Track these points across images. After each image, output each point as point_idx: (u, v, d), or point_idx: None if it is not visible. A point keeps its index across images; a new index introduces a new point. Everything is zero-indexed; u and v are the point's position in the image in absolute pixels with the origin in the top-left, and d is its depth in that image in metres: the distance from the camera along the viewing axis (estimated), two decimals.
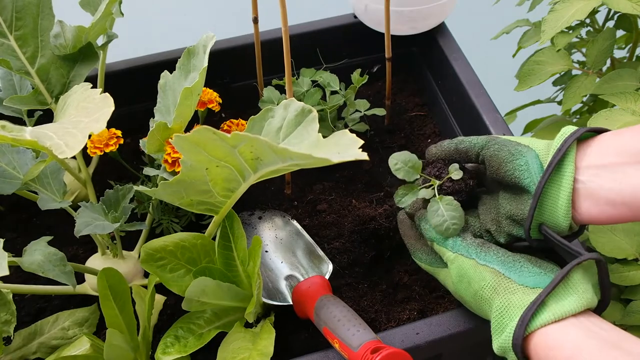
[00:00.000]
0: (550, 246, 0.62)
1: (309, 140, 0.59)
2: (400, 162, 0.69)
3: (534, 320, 0.55)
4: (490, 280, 0.60)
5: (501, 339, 0.57)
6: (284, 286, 0.74)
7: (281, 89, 0.88)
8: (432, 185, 0.68)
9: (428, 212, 0.66)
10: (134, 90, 0.91)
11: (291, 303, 0.71)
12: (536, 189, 0.60)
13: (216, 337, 0.68)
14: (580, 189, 0.58)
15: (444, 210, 0.65)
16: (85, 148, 0.74)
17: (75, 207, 0.73)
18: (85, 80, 0.76)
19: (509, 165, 0.62)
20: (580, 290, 0.56)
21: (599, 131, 0.60)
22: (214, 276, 0.66)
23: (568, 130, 0.60)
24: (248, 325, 0.70)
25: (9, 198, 0.75)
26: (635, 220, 0.57)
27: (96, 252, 0.79)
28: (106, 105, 0.60)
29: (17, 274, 0.78)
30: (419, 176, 0.69)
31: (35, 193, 0.73)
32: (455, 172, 0.68)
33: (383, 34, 0.87)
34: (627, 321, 0.79)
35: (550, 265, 0.61)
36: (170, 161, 0.69)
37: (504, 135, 0.69)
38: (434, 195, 0.67)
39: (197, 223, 0.82)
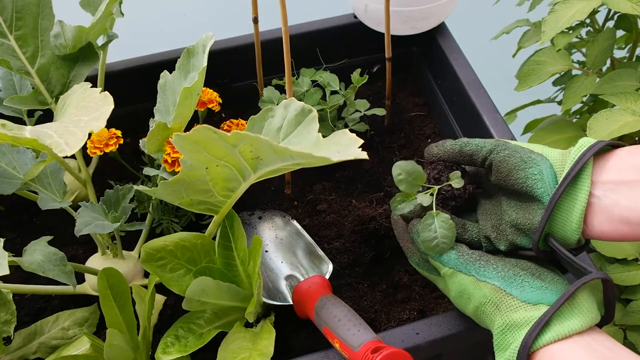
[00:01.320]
0: (557, 259, 0.61)
1: (309, 139, 0.59)
2: (405, 172, 0.65)
3: (537, 340, 0.54)
4: (491, 297, 0.59)
5: (504, 357, 0.56)
6: (284, 286, 0.74)
7: (281, 89, 0.88)
8: (431, 191, 0.66)
9: (421, 224, 0.64)
10: (134, 90, 0.91)
11: (291, 303, 0.71)
12: (550, 200, 0.58)
13: (216, 336, 0.68)
14: (594, 203, 0.57)
15: (437, 227, 0.63)
16: (85, 148, 0.75)
17: (76, 207, 0.73)
18: (86, 80, 0.76)
19: (520, 173, 0.60)
20: (585, 310, 0.55)
21: (615, 145, 0.58)
22: (214, 276, 0.66)
23: (587, 142, 0.58)
24: (248, 325, 0.70)
25: (9, 198, 0.75)
26: None
27: (96, 252, 0.79)
28: (106, 103, 0.60)
29: (17, 274, 0.78)
30: (420, 188, 0.66)
31: (36, 193, 0.73)
32: (457, 180, 0.66)
33: (383, 34, 0.87)
34: (626, 321, 0.79)
35: (551, 274, 0.60)
36: (170, 161, 0.69)
37: (512, 140, 0.67)
38: (432, 206, 0.65)
39: (197, 223, 0.82)
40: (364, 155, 0.50)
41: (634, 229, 0.55)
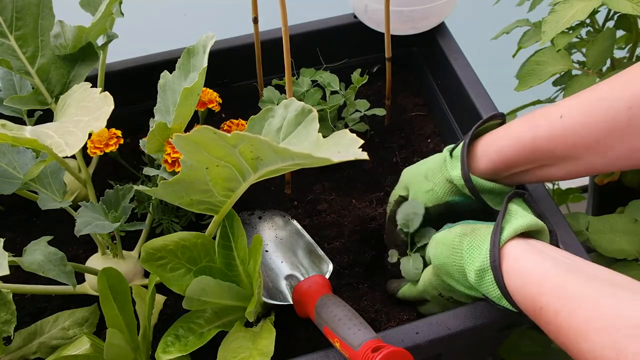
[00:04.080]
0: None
1: (309, 140, 0.59)
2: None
3: (501, 237, 0.62)
4: (459, 230, 0.66)
5: (479, 260, 0.62)
6: (284, 286, 0.74)
7: (281, 89, 0.88)
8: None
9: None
10: (134, 90, 0.91)
11: (291, 302, 0.71)
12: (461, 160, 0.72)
13: (216, 336, 0.68)
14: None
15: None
16: (85, 148, 0.75)
17: (76, 207, 0.73)
18: (86, 80, 0.76)
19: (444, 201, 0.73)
20: (524, 214, 0.64)
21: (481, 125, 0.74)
22: (215, 275, 0.66)
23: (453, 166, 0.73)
24: (248, 325, 0.70)
25: (9, 198, 0.75)
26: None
27: (96, 252, 0.79)
28: (106, 103, 0.60)
29: (17, 274, 0.78)
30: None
31: (36, 193, 0.73)
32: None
33: (383, 34, 0.87)
34: None
35: None
36: (170, 161, 0.69)
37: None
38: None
39: (197, 223, 0.82)
40: (364, 155, 0.50)
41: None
